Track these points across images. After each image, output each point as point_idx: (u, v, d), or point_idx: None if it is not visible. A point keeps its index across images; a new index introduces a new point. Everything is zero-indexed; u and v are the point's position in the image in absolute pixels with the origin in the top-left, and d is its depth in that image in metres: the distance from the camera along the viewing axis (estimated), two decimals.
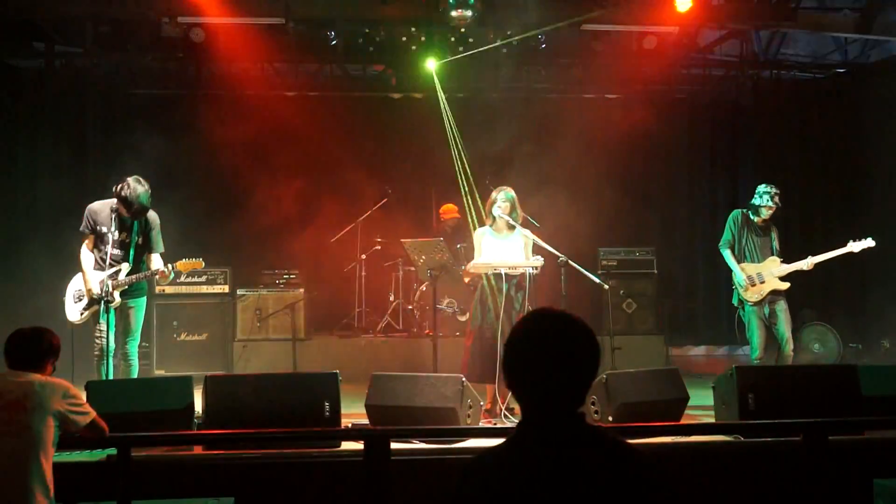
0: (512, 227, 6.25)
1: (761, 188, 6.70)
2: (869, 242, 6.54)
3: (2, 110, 8.71)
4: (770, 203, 6.62)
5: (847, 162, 10.06)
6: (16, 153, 8.80)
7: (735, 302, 6.76)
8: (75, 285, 5.95)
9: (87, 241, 5.93)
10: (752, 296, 6.57)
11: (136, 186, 5.79)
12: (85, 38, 8.94)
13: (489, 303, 6.21)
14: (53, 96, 9.02)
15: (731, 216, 6.84)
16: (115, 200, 5.82)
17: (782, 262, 6.62)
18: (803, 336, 8.74)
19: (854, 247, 6.54)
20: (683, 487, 4.46)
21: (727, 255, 6.75)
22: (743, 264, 6.66)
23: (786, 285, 6.57)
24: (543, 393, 1.86)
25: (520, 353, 1.89)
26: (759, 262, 6.66)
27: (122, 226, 5.87)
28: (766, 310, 6.57)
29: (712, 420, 5.68)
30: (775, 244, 6.73)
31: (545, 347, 1.86)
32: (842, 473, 4.34)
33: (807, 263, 6.54)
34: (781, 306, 6.57)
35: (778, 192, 6.67)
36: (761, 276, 6.58)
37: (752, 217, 6.73)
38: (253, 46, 8.90)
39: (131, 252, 5.86)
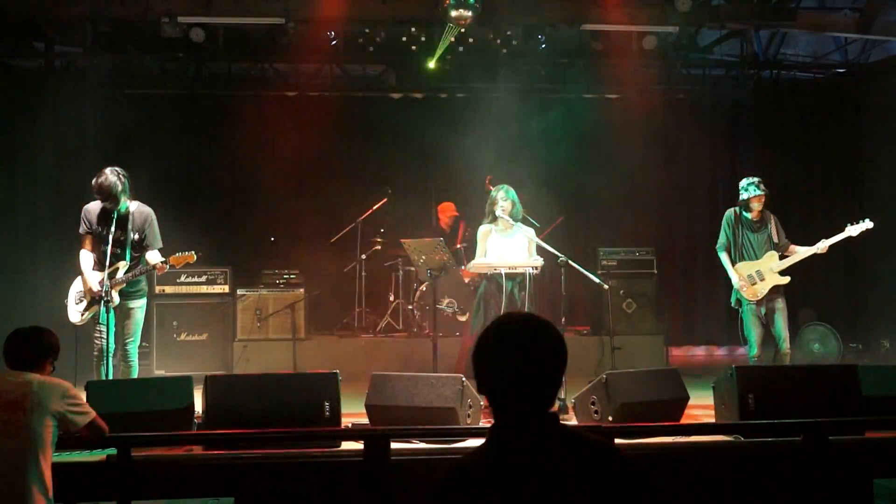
0: (512, 225, 6.26)
1: (744, 182, 6.54)
2: (867, 224, 6.43)
3: (2, 110, 8.69)
4: (759, 192, 6.46)
5: (847, 162, 10.05)
6: (15, 153, 8.79)
7: (733, 303, 6.65)
8: (76, 287, 5.95)
9: (85, 242, 5.92)
10: (752, 295, 6.46)
11: (109, 175, 5.75)
12: (85, 38, 8.94)
13: (491, 303, 6.21)
14: (53, 96, 9.01)
15: (724, 217, 6.70)
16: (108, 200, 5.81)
17: (781, 256, 6.50)
18: (803, 336, 8.72)
19: (852, 230, 6.43)
20: (683, 487, 4.47)
21: (723, 257, 6.63)
22: (740, 264, 6.54)
23: (786, 280, 6.45)
24: (513, 396, 1.87)
25: (488, 357, 1.90)
26: (757, 258, 6.53)
27: (118, 223, 5.84)
28: (763, 309, 6.47)
29: (712, 420, 5.67)
30: (773, 237, 6.57)
31: (512, 350, 1.87)
32: (842, 473, 4.34)
33: (803, 252, 6.43)
34: (779, 305, 6.47)
35: (760, 178, 6.54)
36: (760, 273, 6.46)
37: (744, 214, 6.60)
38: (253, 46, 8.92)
39: (128, 249, 5.84)
